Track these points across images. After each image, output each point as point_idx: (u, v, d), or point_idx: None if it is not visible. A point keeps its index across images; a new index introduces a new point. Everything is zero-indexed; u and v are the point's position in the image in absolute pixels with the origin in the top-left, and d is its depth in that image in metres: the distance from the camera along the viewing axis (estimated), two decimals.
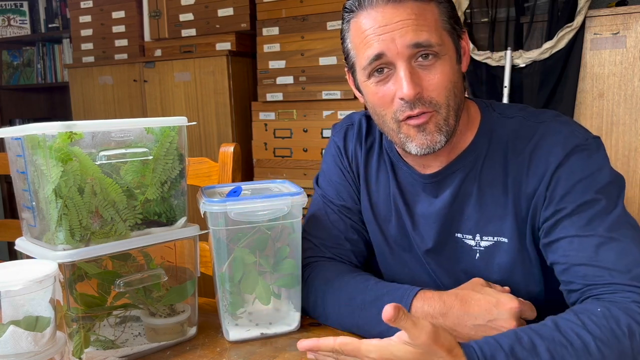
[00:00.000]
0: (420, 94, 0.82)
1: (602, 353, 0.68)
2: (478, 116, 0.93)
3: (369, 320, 0.84)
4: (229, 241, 0.86)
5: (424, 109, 0.83)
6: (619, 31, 1.93)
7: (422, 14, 0.81)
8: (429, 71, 0.82)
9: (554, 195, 0.82)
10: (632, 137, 1.95)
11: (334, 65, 2.36)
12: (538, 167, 0.84)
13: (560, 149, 0.83)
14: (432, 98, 0.83)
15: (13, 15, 3.81)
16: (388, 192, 0.99)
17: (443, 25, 0.84)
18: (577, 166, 0.82)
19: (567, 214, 0.81)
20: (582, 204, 0.80)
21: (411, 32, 0.80)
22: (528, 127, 0.88)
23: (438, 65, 0.82)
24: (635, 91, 1.93)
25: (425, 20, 0.81)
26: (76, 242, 0.77)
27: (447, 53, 0.83)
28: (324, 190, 1.05)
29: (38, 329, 0.68)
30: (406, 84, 0.81)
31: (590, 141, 0.84)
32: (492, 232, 0.89)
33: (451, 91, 0.84)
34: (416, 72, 0.82)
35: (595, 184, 0.81)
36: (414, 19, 0.81)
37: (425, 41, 0.80)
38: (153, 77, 2.77)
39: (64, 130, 0.74)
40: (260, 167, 2.61)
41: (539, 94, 2.08)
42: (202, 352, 0.85)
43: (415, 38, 0.80)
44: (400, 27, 0.81)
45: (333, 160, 1.06)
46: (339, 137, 1.06)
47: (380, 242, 1.01)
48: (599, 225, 0.79)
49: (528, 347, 0.68)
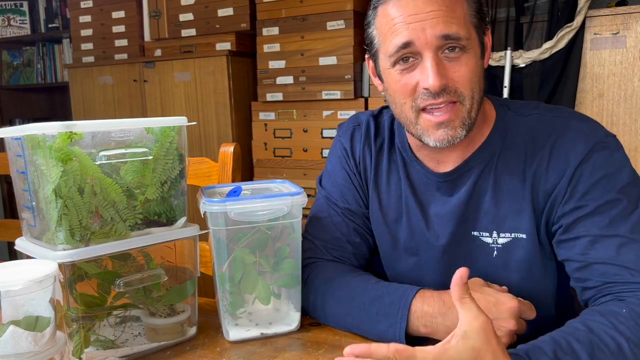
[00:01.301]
0: (445, 84, 0.82)
1: (635, 354, 0.69)
2: (493, 113, 0.93)
3: (368, 319, 0.84)
4: (229, 241, 0.86)
5: (449, 98, 0.83)
6: (619, 31, 1.93)
7: (452, 6, 0.82)
8: (455, 63, 0.83)
9: (575, 191, 0.83)
10: (632, 137, 1.95)
11: (334, 65, 2.36)
12: (559, 163, 0.84)
13: (582, 146, 0.83)
14: (458, 88, 0.83)
15: (13, 15, 3.81)
16: (399, 192, 0.98)
17: (471, 20, 0.84)
18: (600, 163, 0.82)
19: (588, 212, 0.81)
20: (604, 203, 0.80)
21: (442, 23, 0.81)
22: (546, 123, 0.88)
23: (464, 58, 0.83)
24: (635, 91, 1.93)
25: (455, 12, 0.82)
26: (76, 242, 0.77)
27: (473, 47, 0.84)
28: (327, 192, 1.04)
29: (38, 329, 0.68)
30: (432, 74, 0.81)
31: (609, 139, 0.85)
32: (510, 228, 0.89)
33: (476, 84, 0.84)
34: (442, 64, 0.82)
35: (616, 183, 0.81)
36: (444, 10, 0.81)
37: (454, 33, 0.81)
38: (153, 77, 2.77)
39: (64, 130, 0.74)
40: (260, 167, 2.61)
41: (539, 94, 2.08)
42: (202, 352, 0.85)
43: (446, 29, 0.81)
44: (432, 17, 0.81)
45: (339, 161, 1.05)
46: (346, 138, 1.05)
47: (388, 244, 1.00)
48: (621, 225, 0.79)
49: (569, 352, 0.69)
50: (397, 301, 0.82)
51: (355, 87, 2.33)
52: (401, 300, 0.82)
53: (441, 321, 0.79)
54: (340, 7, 2.32)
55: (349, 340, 0.86)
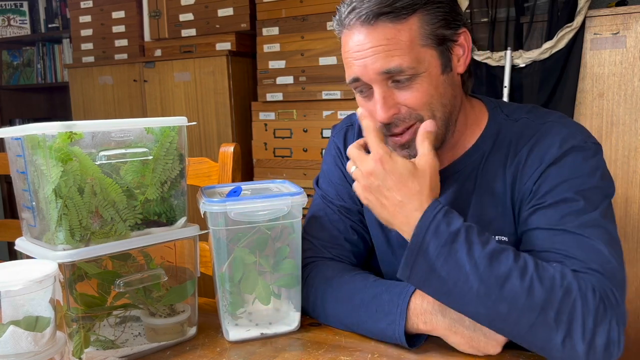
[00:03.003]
0: (397, 113, 0.83)
1: (533, 284, 0.72)
2: (485, 116, 0.93)
3: (368, 318, 0.84)
4: (229, 241, 0.86)
5: (405, 124, 0.84)
6: (619, 31, 1.93)
7: (395, 37, 0.79)
8: (406, 90, 0.82)
9: (539, 190, 0.83)
10: (632, 137, 1.95)
11: (333, 65, 2.36)
12: (533, 164, 0.85)
13: (557, 149, 0.83)
14: (412, 112, 0.83)
15: (13, 15, 3.81)
16: None
17: (422, 42, 0.81)
18: (568, 166, 0.82)
19: (544, 206, 0.82)
20: (560, 200, 0.81)
21: (381, 59, 0.80)
22: (531, 128, 0.88)
23: (415, 84, 0.82)
24: (635, 91, 1.93)
25: (398, 43, 0.79)
26: (76, 242, 0.77)
27: (426, 70, 0.81)
28: (324, 191, 1.05)
29: (38, 329, 0.68)
30: (380, 108, 0.82)
31: (589, 145, 0.84)
32: (493, 231, 0.89)
33: (435, 104, 0.84)
34: (391, 94, 0.82)
35: (578, 185, 0.81)
36: (384, 44, 0.79)
37: (395, 67, 0.80)
38: (153, 77, 2.77)
39: (64, 130, 0.74)
40: (260, 167, 2.61)
41: (539, 94, 2.08)
42: (202, 352, 0.85)
43: (386, 65, 0.80)
44: (371, 54, 0.80)
45: (333, 161, 1.06)
46: (339, 138, 1.07)
47: (382, 243, 1.01)
48: (571, 222, 0.79)
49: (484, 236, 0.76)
50: (395, 298, 0.82)
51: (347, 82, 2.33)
52: (400, 297, 0.82)
53: (440, 318, 0.79)
54: None
55: (349, 340, 0.86)
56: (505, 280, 0.72)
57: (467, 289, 0.73)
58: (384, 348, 0.82)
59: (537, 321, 0.71)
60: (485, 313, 0.73)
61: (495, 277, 0.72)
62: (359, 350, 0.82)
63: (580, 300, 0.71)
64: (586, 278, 0.74)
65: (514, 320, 0.72)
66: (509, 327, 0.73)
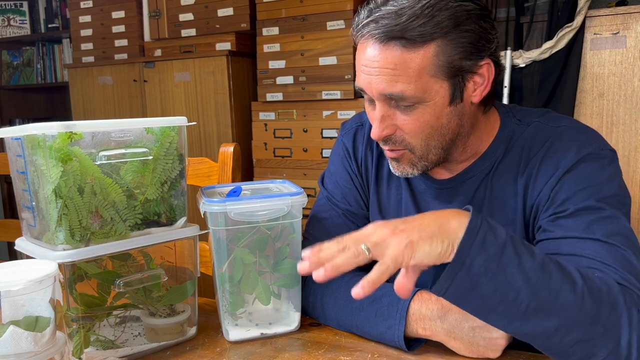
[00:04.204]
0: (390, 134, 0.83)
1: (584, 297, 0.66)
2: (497, 122, 0.91)
3: (367, 321, 0.84)
4: (229, 241, 0.86)
5: (394, 147, 0.84)
6: (619, 31, 1.93)
7: (404, 63, 0.76)
8: (407, 115, 0.81)
9: (556, 198, 0.81)
10: (632, 137, 1.95)
11: (334, 65, 2.36)
12: (547, 171, 0.83)
13: (573, 155, 0.81)
14: (405, 139, 0.83)
15: (13, 15, 3.81)
16: (400, 198, 0.98)
17: (433, 72, 0.77)
18: (586, 173, 0.80)
19: (568, 214, 0.79)
20: (583, 208, 0.78)
21: (385, 82, 0.78)
22: (544, 132, 0.86)
23: (417, 112, 0.80)
24: (635, 91, 1.93)
25: (405, 70, 0.76)
26: (76, 242, 0.77)
27: (431, 100, 0.79)
28: (329, 192, 1.04)
29: (38, 329, 0.68)
30: (375, 126, 0.82)
31: (605, 152, 0.82)
32: None
33: (432, 134, 0.82)
34: (391, 113, 0.82)
35: (599, 193, 0.78)
36: (391, 68, 0.77)
37: (398, 93, 0.78)
38: (153, 77, 2.77)
39: (64, 130, 0.74)
40: (260, 167, 2.61)
41: (539, 94, 2.08)
42: (202, 352, 0.85)
43: (388, 89, 0.78)
44: (377, 73, 0.78)
45: (341, 162, 1.04)
46: (348, 138, 1.04)
47: None
48: (599, 229, 0.76)
49: (526, 245, 0.68)
50: (395, 303, 0.82)
51: (355, 87, 2.33)
52: (399, 302, 0.81)
53: (439, 324, 0.79)
54: (340, 7, 2.32)
55: (349, 340, 0.86)
56: (558, 294, 0.66)
57: (516, 305, 0.66)
58: (384, 348, 0.82)
59: (584, 337, 0.66)
60: (531, 330, 0.67)
61: (549, 290, 0.66)
62: (359, 350, 0.82)
63: (626, 315, 0.67)
64: (627, 291, 0.70)
65: (561, 335, 0.67)
66: (553, 343, 0.68)
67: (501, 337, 0.76)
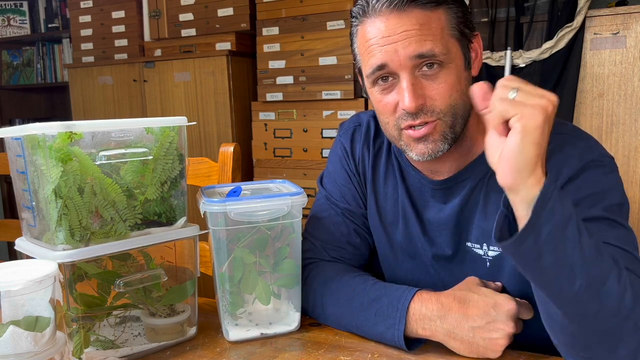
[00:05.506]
0: (422, 104, 0.82)
1: (626, 288, 0.65)
2: None
3: (367, 321, 0.84)
4: (229, 241, 0.86)
5: (427, 118, 0.82)
6: (619, 31, 1.93)
7: (426, 22, 0.80)
8: (433, 80, 0.81)
9: None
10: (632, 137, 1.95)
11: (334, 65, 2.36)
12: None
13: (576, 162, 0.81)
14: (436, 107, 0.82)
15: (13, 15, 3.81)
16: (396, 196, 0.98)
17: (450, 32, 0.82)
18: (589, 181, 0.80)
19: None
20: (590, 219, 0.76)
21: (414, 43, 0.79)
22: None
23: (442, 74, 0.81)
24: (635, 91, 1.93)
25: (430, 29, 0.80)
26: (76, 242, 0.77)
27: (453, 61, 0.82)
28: (328, 192, 1.04)
29: (38, 329, 0.68)
30: (408, 96, 0.80)
31: (606, 160, 0.82)
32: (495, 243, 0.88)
33: (457, 99, 0.83)
34: (419, 83, 0.82)
35: (604, 201, 0.78)
36: (417, 28, 0.79)
37: (428, 51, 0.79)
38: (153, 77, 2.77)
39: (64, 130, 0.74)
40: (260, 167, 2.61)
41: None
42: (202, 352, 0.85)
43: (419, 49, 0.79)
44: (404, 37, 0.80)
45: (339, 161, 1.05)
46: (346, 138, 1.05)
47: (386, 247, 1.00)
48: (611, 237, 0.75)
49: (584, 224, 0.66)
50: (395, 303, 0.82)
51: (355, 87, 2.33)
52: (399, 302, 0.81)
53: (439, 324, 0.78)
54: (340, 7, 2.32)
55: (349, 340, 0.86)
56: (607, 279, 0.65)
57: (568, 285, 0.64)
58: (384, 348, 0.82)
59: (616, 329, 0.66)
60: (573, 311, 0.66)
61: (600, 273, 0.64)
62: (359, 350, 0.82)
63: None
64: None
65: (596, 324, 0.66)
66: (584, 330, 0.67)
67: (501, 337, 0.76)
